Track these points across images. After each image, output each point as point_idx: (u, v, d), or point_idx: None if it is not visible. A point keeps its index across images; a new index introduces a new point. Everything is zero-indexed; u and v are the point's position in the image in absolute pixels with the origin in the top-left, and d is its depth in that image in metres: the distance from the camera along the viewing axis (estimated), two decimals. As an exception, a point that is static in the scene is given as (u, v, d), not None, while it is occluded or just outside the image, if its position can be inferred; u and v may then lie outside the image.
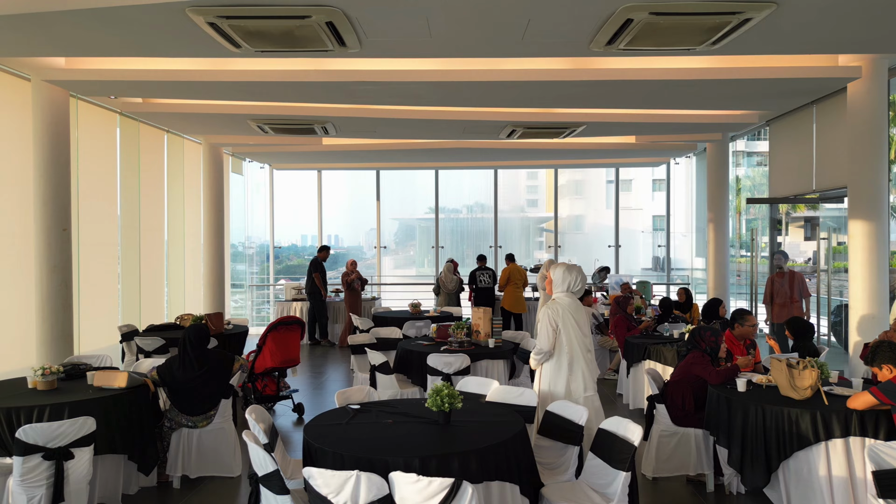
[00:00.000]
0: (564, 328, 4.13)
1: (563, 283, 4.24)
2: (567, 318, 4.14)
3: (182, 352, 4.55)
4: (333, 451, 2.98)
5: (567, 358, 4.13)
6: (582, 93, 6.03)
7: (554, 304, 4.18)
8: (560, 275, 4.25)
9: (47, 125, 6.08)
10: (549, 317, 4.11)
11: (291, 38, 4.17)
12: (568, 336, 4.14)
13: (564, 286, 4.24)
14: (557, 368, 4.13)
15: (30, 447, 3.34)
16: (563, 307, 4.16)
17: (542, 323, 4.15)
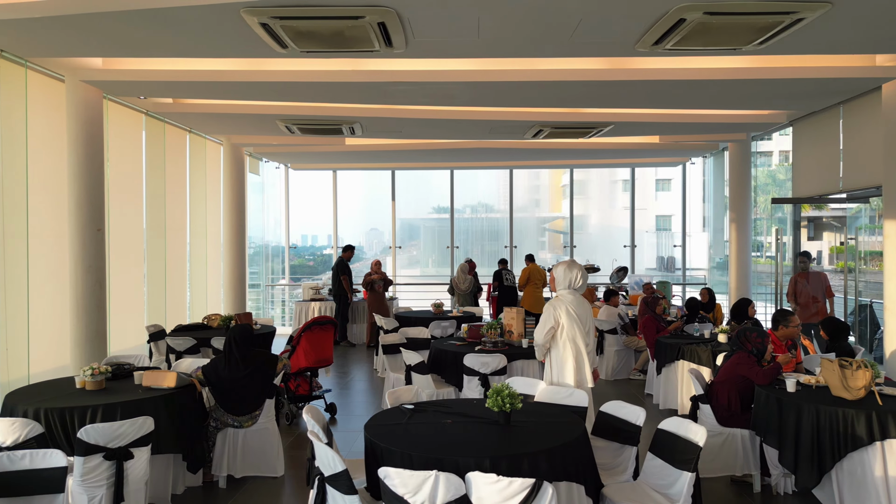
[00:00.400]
0: (568, 324, 4.29)
1: (564, 280, 4.39)
2: (570, 314, 4.30)
3: (228, 352, 4.56)
4: (402, 451, 2.98)
5: (573, 352, 4.29)
6: (614, 92, 6.02)
7: (557, 301, 4.35)
8: (562, 273, 4.41)
9: (82, 125, 6.10)
10: (552, 313, 4.30)
11: (340, 39, 4.18)
12: (572, 331, 4.28)
13: (566, 283, 4.39)
14: (564, 362, 4.31)
15: (91, 447, 3.34)
16: (567, 303, 4.32)
17: (543, 317, 4.34)
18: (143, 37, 4.36)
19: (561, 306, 4.30)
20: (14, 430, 3.44)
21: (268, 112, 7.01)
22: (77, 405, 3.86)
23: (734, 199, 9.92)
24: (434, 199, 14.74)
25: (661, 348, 6.56)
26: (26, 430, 3.45)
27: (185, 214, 9.50)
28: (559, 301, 4.34)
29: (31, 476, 2.83)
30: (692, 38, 4.16)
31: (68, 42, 4.51)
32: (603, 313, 8.38)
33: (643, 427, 3.56)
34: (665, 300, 7.96)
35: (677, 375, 6.33)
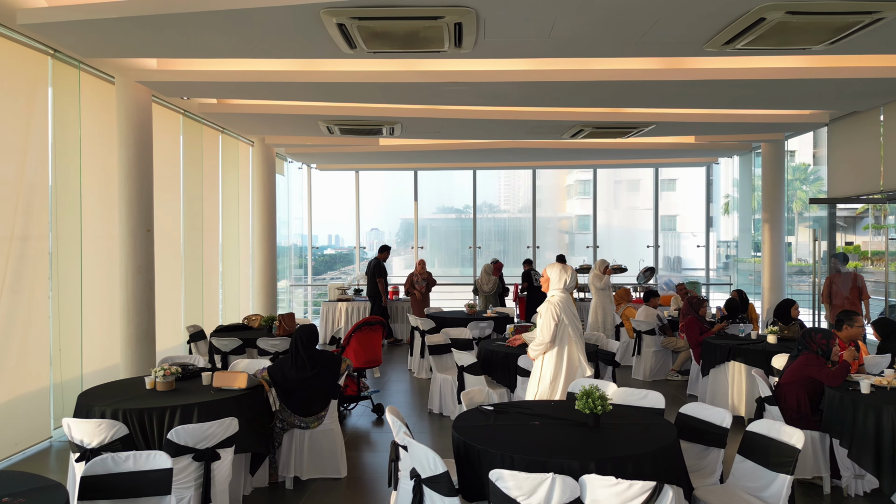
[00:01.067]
0: (567, 320, 4.61)
1: (559, 281, 4.72)
2: (566, 312, 4.62)
3: (294, 353, 4.55)
4: (502, 454, 2.97)
5: (567, 347, 4.61)
6: (666, 92, 5.99)
7: (553, 301, 4.62)
8: (556, 274, 4.74)
9: (132, 126, 6.10)
10: (552, 312, 4.56)
11: (413, 40, 4.17)
12: (570, 327, 4.62)
13: (560, 284, 4.72)
14: (560, 356, 4.60)
15: (181, 448, 3.34)
16: (561, 302, 4.62)
17: (544, 318, 4.59)
18: (211, 38, 4.36)
19: (558, 305, 4.58)
20: (100, 431, 3.44)
21: (311, 112, 7.01)
22: (155, 406, 3.86)
23: (767, 199, 9.88)
24: (437, 199, 14.69)
25: (709, 349, 6.53)
26: (112, 432, 3.46)
27: (218, 215, 9.52)
28: (555, 300, 4.63)
29: (138, 478, 2.83)
30: (766, 37, 4.15)
31: (135, 43, 4.50)
32: (641, 314, 8.36)
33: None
34: (707, 301, 7.91)
35: (727, 377, 6.31)
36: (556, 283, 4.71)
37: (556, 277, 4.72)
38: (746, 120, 7.62)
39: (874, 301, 8.77)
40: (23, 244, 5.31)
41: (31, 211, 5.40)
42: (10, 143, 5.20)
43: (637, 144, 9.80)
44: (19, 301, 5.27)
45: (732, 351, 6.24)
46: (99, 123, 6.37)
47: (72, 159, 6.02)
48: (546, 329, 4.55)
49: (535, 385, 4.67)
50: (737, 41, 4.28)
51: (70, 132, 5.97)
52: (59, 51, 5.62)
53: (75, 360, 6.05)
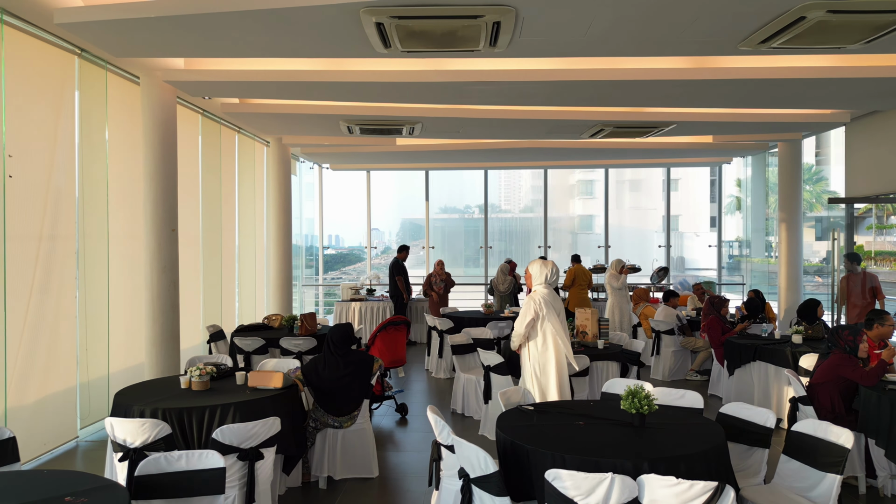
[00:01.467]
0: (548, 315, 4.81)
1: (540, 276, 4.95)
2: (548, 306, 4.82)
3: (327, 352, 4.55)
4: (553, 453, 2.96)
5: (552, 340, 4.81)
6: (692, 92, 5.99)
7: (535, 295, 4.85)
8: (538, 269, 4.97)
9: (157, 126, 6.10)
10: (532, 306, 4.79)
11: (450, 39, 4.16)
12: (551, 321, 4.82)
13: (542, 279, 4.94)
14: (545, 349, 4.83)
15: (225, 447, 3.33)
16: (544, 296, 4.83)
17: (523, 310, 4.84)
18: (243, 37, 4.35)
19: (539, 299, 4.80)
20: (144, 430, 3.43)
21: (333, 112, 7.00)
22: (194, 406, 3.86)
23: (784, 198, 9.86)
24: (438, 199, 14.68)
25: (734, 349, 6.51)
26: (155, 431, 3.45)
27: (234, 215, 9.52)
28: (537, 295, 4.85)
29: (190, 477, 2.82)
30: (803, 36, 4.13)
31: (169, 42, 4.50)
32: (661, 314, 8.34)
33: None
34: (728, 301, 7.90)
35: (752, 377, 6.30)
36: (538, 279, 4.94)
37: (537, 273, 4.95)
38: (766, 119, 7.60)
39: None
40: (51, 244, 5.31)
41: (58, 211, 5.41)
42: (40, 142, 5.20)
43: (651, 144, 9.78)
44: (48, 301, 5.27)
45: (758, 351, 6.22)
46: (123, 123, 6.37)
47: (98, 159, 6.02)
48: (521, 321, 4.81)
49: (531, 379, 4.88)
50: (773, 40, 4.27)
51: (96, 132, 5.98)
52: (86, 50, 5.62)
53: (102, 360, 6.05)
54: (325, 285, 14.79)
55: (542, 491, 2.98)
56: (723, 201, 14.46)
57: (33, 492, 2.49)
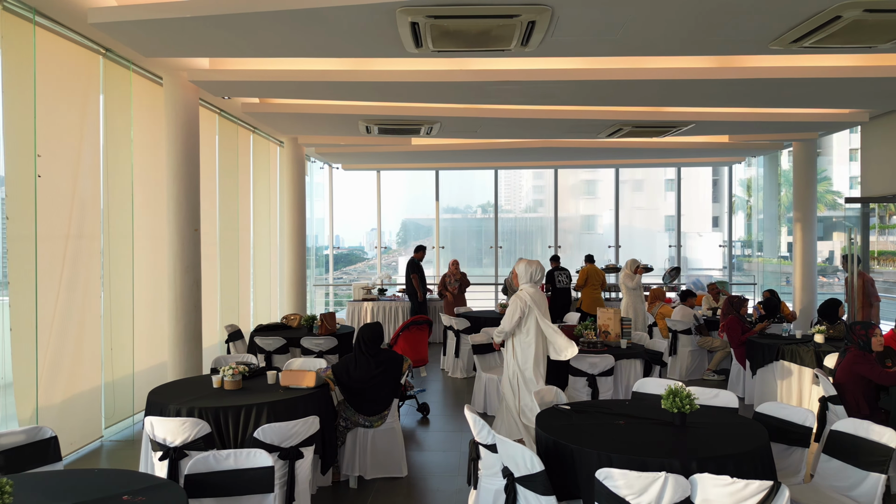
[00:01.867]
0: (532, 313, 5.07)
1: (526, 274, 5.21)
2: (534, 304, 5.07)
3: (358, 352, 4.55)
4: (599, 453, 2.96)
5: (534, 337, 5.08)
6: (715, 91, 5.97)
7: (522, 294, 5.09)
8: (524, 269, 5.23)
9: (180, 126, 6.11)
10: (520, 305, 5.04)
11: (483, 38, 4.16)
12: (536, 318, 5.07)
13: (528, 278, 5.21)
14: (528, 346, 5.08)
15: (266, 447, 3.34)
16: (530, 296, 5.09)
17: (510, 308, 5.08)
18: (275, 36, 4.35)
19: (526, 297, 5.06)
20: (184, 429, 3.44)
21: (354, 112, 7.00)
22: (230, 405, 3.86)
23: (799, 198, 9.85)
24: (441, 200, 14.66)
25: (756, 349, 6.51)
26: (196, 430, 3.46)
27: (250, 215, 9.53)
28: (523, 293, 5.10)
29: (239, 475, 2.82)
30: (836, 36, 4.13)
31: (200, 41, 4.50)
32: (678, 313, 8.34)
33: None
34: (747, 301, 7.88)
35: (775, 376, 6.29)
36: (523, 278, 5.20)
37: (523, 272, 5.22)
38: (784, 119, 7.58)
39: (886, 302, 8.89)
40: (77, 243, 5.31)
41: (84, 210, 5.41)
42: (67, 142, 5.21)
43: (664, 144, 9.77)
44: (75, 300, 5.27)
45: (780, 350, 6.22)
46: (145, 123, 6.38)
47: (123, 159, 6.03)
48: (509, 319, 5.07)
49: (514, 371, 5.15)
50: (805, 39, 4.26)
51: (121, 132, 5.98)
52: (111, 50, 5.63)
53: (126, 359, 6.06)
54: (335, 285, 14.78)
55: (588, 490, 2.99)
56: (732, 201, 14.45)
57: (89, 491, 2.49)
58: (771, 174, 12.68)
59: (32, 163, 4.72)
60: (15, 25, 4.52)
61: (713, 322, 8.58)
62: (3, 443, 3.15)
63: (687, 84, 5.69)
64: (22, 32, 4.60)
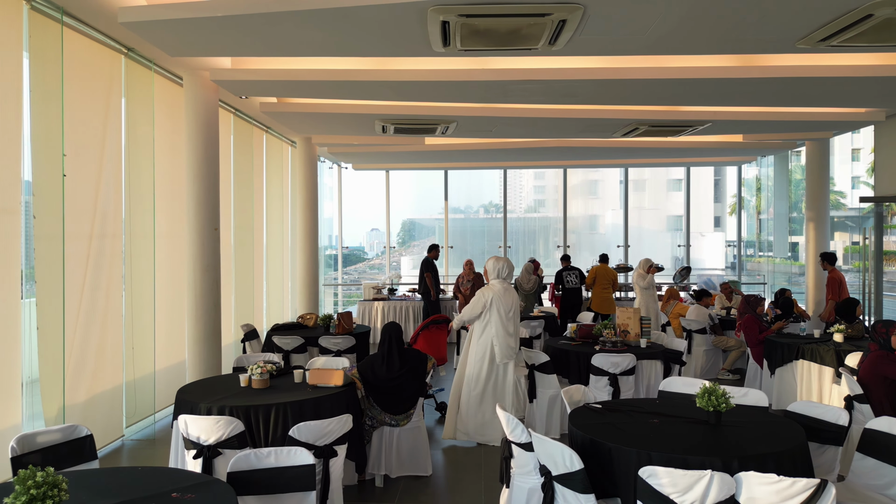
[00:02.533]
0: (495, 306, 5.46)
1: (494, 271, 5.63)
2: (498, 299, 5.47)
3: (384, 350, 4.56)
4: (638, 451, 2.96)
5: (493, 329, 5.46)
6: (738, 89, 5.96)
7: (488, 288, 5.53)
8: (492, 266, 5.66)
9: (200, 126, 6.12)
10: (482, 299, 5.46)
11: (512, 37, 4.16)
12: (497, 313, 5.46)
13: (495, 274, 5.62)
14: (486, 334, 5.48)
15: (301, 445, 3.34)
16: (496, 291, 5.50)
17: (477, 299, 5.48)
18: (302, 36, 4.36)
19: (491, 292, 5.48)
20: (218, 428, 3.45)
21: (371, 112, 7.01)
22: (261, 403, 3.87)
23: (812, 198, 9.84)
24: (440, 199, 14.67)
25: (775, 348, 6.50)
26: (230, 428, 3.46)
27: (263, 215, 9.54)
28: (490, 288, 5.53)
29: (280, 473, 2.83)
30: (866, 34, 4.13)
31: (227, 41, 4.50)
32: (693, 313, 8.33)
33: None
34: (764, 300, 7.88)
35: (795, 376, 6.29)
36: (492, 274, 5.63)
37: (491, 269, 5.64)
38: (801, 118, 7.56)
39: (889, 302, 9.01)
40: (100, 243, 5.33)
41: (107, 210, 5.42)
42: (90, 141, 5.22)
43: (676, 143, 9.76)
44: (97, 299, 5.29)
45: (800, 350, 6.21)
46: (165, 123, 6.39)
47: (144, 159, 6.04)
48: (470, 309, 5.49)
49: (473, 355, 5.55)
50: (834, 38, 4.26)
51: (142, 132, 6.00)
52: (133, 49, 5.64)
53: (147, 359, 6.07)
54: (344, 284, 14.80)
55: (626, 488, 3.00)
56: (741, 201, 14.46)
57: (137, 489, 2.50)
58: (781, 174, 12.67)
59: (59, 162, 4.74)
60: (43, 25, 4.54)
61: (727, 321, 8.58)
62: (39, 441, 3.17)
63: (708, 83, 5.69)
64: (49, 32, 4.61)
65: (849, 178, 31.91)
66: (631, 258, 13.97)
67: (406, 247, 18.52)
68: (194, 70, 5.97)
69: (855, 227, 28.71)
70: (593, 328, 6.41)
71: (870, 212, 17.72)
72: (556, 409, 5.73)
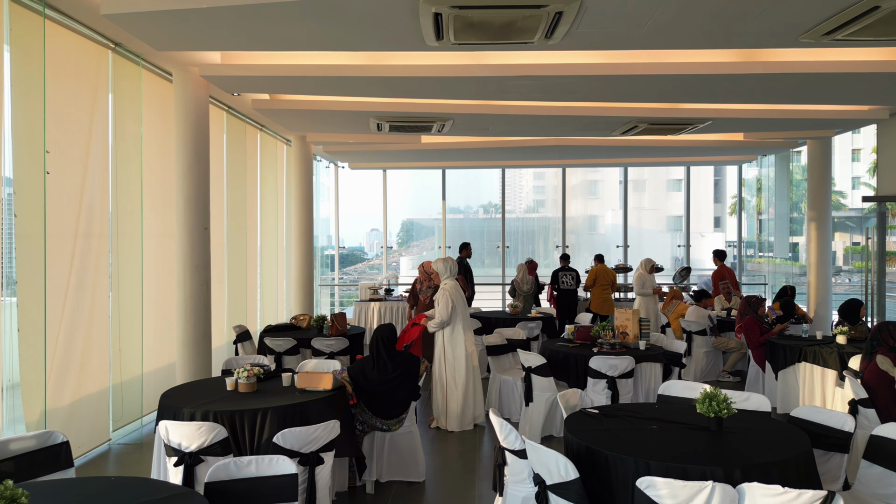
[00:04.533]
0: (457, 304, 5.82)
1: (446, 271, 5.97)
2: (457, 297, 5.83)
3: (375, 353, 4.43)
4: (636, 459, 2.84)
5: (460, 325, 5.84)
6: (735, 86, 5.83)
7: (446, 288, 5.79)
8: (442, 266, 5.99)
9: (189, 123, 5.98)
10: (448, 297, 5.73)
11: (507, 31, 4.03)
12: (459, 310, 5.84)
13: (448, 273, 5.98)
14: (452, 332, 5.80)
15: (286, 452, 3.21)
16: (452, 288, 5.81)
17: (442, 301, 5.72)
18: (293, 29, 4.23)
19: (449, 291, 5.75)
20: (200, 434, 3.32)
21: (365, 109, 6.88)
22: (246, 408, 3.74)
23: (813, 197, 9.71)
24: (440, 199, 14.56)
25: (777, 350, 6.37)
26: (212, 435, 3.34)
27: (257, 214, 9.41)
28: (447, 287, 5.80)
29: (261, 483, 2.70)
30: (872, 27, 4.00)
31: (216, 34, 4.37)
32: (692, 314, 8.20)
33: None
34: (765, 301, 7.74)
35: (798, 378, 6.16)
36: (444, 273, 5.94)
37: (442, 269, 5.96)
38: (802, 116, 7.43)
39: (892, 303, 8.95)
40: (86, 242, 5.19)
41: (93, 208, 5.29)
42: (75, 138, 5.09)
43: (678, 142, 9.63)
44: (83, 300, 5.15)
45: (803, 352, 6.08)
46: (154, 121, 6.27)
47: (132, 156, 5.91)
48: (445, 310, 5.71)
49: (442, 357, 5.83)
50: (839, 32, 4.13)
51: (130, 128, 5.87)
52: (121, 44, 5.51)
53: (135, 361, 5.94)
54: (340, 285, 14.66)
55: (624, 498, 2.87)
56: (742, 200, 14.33)
57: (108, 501, 2.37)
58: (782, 174, 12.55)
59: (41, 159, 4.60)
60: (24, 18, 4.41)
61: (727, 323, 8.45)
62: (13, 448, 3.04)
63: (708, 79, 5.57)
64: (31, 25, 4.48)
65: (849, 178, 31.82)
66: (630, 258, 13.84)
67: (406, 247, 18.42)
68: (183, 65, 5.83)
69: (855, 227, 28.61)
70: (591, 330, 6.28)
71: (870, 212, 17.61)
72: (553, 412, 5.61)
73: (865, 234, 8.86)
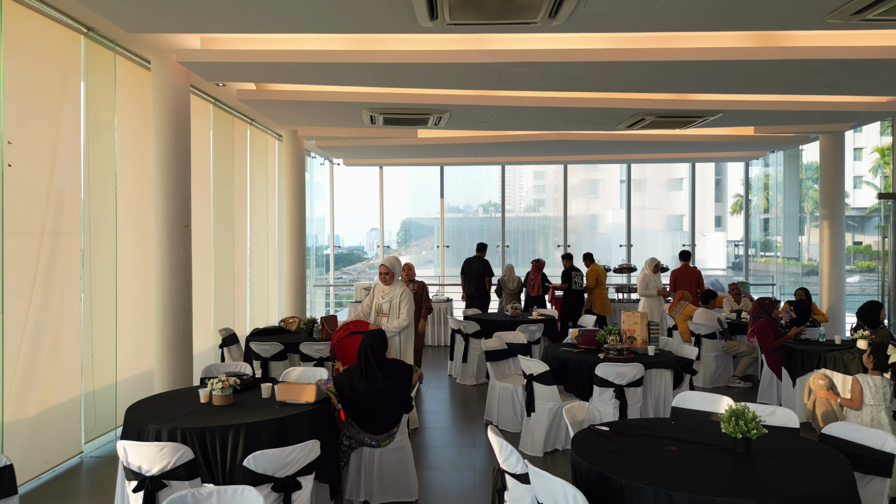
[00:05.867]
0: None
1: (404, 272, 6.39)
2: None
3: (364, 362, 4.05)
4: (655, 489, 2.47)
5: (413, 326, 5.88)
6: (749, 74, 5.47)
7: (409, 291, 5.74)
8: (404, 266, 6.34)
9: (169, 114, 5.62)
10: (411, 300, 5.68)
11: (506, 8, 3.67)
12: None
13: (406, 273, 6.55)
14: (408, 334, 5.72)
15: (258, 477, 2.85)
16: (407, 290, 5.78)
17: (407, 305, 5.61)
18: (276, 8, 3.87)
19: (409, 292, 5.73)
20: (163, 456, 2.96)
21: (356, 100, 6.51)
22: (217, 425, 3.36)
23: (826, 194, 9.34)
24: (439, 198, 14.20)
25: (795, 356, 6.00)
26: (176, 457, 2.97)
27: (246, 212, 9.04)
28: (408, 290, 5.74)
29: (222, 520, 2.33)
30: (908, 5, 3.64)
31: (191, 13, 4.02)
32: (700, 316, 7.82)
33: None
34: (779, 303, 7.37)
35: (815, 386, 5.78)
36: (399, 274, 5.90)
37: (400, 269, 5.95)
38: (818, 108, 7.05)
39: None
40: (54, 240, 4.82)
41: (62, 205, 4.92)
42: (42, 128, 4.71)
43: (684, 136, 9.26)
44: (50, 303, 4.78)
45: (822, 358, 5.71)
46: (131, 112, 5.89)
47: (106, 149, 5.54)
48: (410, 314, 5.63)
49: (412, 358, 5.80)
50: (870, 10, 3.77)
51: (104, 119, 5.50)
52: (94, 29, 5.14)
53: (109, 367, 5.57)
54: (335, 285, 14.29)
55: (642, 534, 2.50)
56: (748, 200, 13.97)
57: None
58: (791, 171, 12.17)
59: (0, 150, 4.23)
60: (-21, -4, 4.04)
61: (737, 325, 8.08)
62: (-54, 474, 2.67)
63: (723, 65, 5.20)
64: (-13, 4, 4.12)
65: (851, 177, 31.49)
66: (634, 258, 13.48)
67: (405, 246, 18.06)
68: (161, 52, 5.46)
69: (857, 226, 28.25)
70: (596, 334, 5.91)
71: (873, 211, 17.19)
72: (558, 423, 5.23)
73: (882, 232, 8.48)
